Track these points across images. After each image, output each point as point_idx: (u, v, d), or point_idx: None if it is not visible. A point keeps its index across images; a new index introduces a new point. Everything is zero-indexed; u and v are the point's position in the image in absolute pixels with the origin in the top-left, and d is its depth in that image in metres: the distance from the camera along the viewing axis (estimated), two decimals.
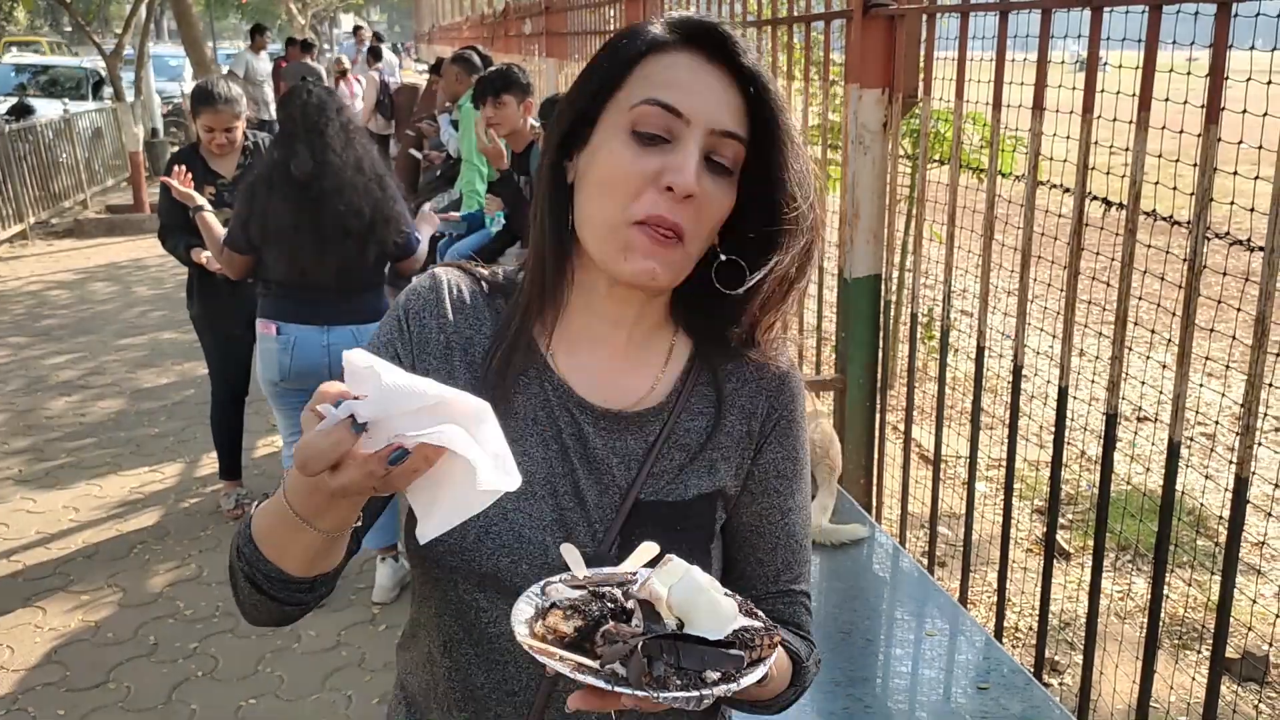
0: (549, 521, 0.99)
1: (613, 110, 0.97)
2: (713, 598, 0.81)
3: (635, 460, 1.02)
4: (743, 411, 1.07)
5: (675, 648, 0.77)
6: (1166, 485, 1.97)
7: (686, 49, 0.96)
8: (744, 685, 0.78)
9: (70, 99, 13.79)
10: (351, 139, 3.22)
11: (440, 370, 1.02)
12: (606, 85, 0.97)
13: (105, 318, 7.69)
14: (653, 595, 0.81)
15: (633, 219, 0.93)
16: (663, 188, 0.93)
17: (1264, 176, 1.82)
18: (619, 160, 0.94)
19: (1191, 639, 3.27)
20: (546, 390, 1.03)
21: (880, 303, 3.06)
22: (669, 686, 0.76)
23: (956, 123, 2.52)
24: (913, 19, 2.74)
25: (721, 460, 1.05)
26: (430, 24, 22.42)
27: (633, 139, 0.94)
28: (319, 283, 3.26)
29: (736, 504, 1.08)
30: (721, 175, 0.96)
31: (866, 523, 2.46)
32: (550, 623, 0.80)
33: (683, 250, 0.95)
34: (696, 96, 0.94)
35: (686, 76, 0.95)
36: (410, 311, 1.04)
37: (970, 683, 1.87)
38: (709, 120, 0.94)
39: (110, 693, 3.16)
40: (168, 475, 4.80)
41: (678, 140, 0.94)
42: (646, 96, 0.94)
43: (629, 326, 1.04)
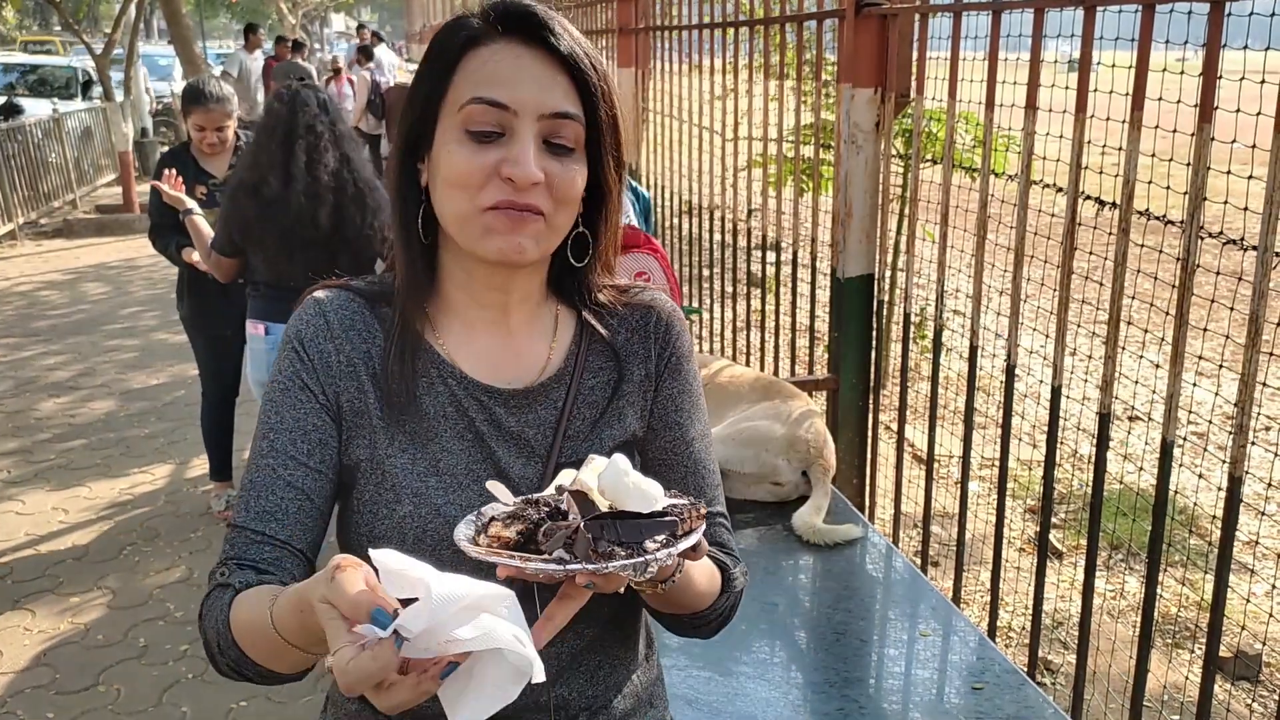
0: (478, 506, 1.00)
1: (445, 112, 0.99)
2: (639, 479, 0.86)
3: (548, 427, 1.07)
4: (636, 357, 1.12)
5: (614, 525, 0.82)
6: (1160, 484, 1.97)
7: (505, 38, 0.98)
8: (681, 549, 0.82)
9: (59, 98, 13.72)
10: (319, 144, 3.15)
11: (352, 388, 1.04)
12: (435, 88, 1.00)
13: (95, 318, 7.66)
14: (583, 486, 0.86)
15: (484, 206, 0.97)
16: (504, 179, 0.95)
17: (1257, 176, 1.82)
18: (458, 161, 0.97)
19: (1184, 638, 3.27)
20: (450, 385, 1.05)
21: (873, 302, 3.06)
22: (615, 558, 0.79)
23: (950, 122, 2.52)
24: (905, 18, 2.74)
25: (628, 407, 1.11)
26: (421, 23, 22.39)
27: (467, 138, 0.97)
28: (295, 282, 3.24)
29: (643, 442, 1.13)
30: (567, 154, 0.98)
31: (860, 523, 2.46)
32: (493, 533, 0.84)
33: (545, 224, 0.98)
34: (520, 86, 0.96)
35: (508, 68, 0.97)
36: (305, 340, 1.05)
37: (964, 683, 1.87)
38: (537, 107, 0.96)
39: (100, 695, 3.14)
40: (158, 476, 4.77)
41: (511, 133, 0.96)
42: (471, 95, 0.96)
43: (512, 308, 1.08)
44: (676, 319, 1.15)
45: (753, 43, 3.72)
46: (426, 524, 1.00)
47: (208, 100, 3.78)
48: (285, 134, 3.13)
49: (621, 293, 1.14)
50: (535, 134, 0.96)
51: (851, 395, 3.12)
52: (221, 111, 3.81)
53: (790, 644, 2.01)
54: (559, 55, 0.97)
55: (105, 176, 13.25)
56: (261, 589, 0.93)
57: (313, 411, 1.03)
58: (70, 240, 10.77)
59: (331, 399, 1.04)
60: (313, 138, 3.15)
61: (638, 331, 1.13)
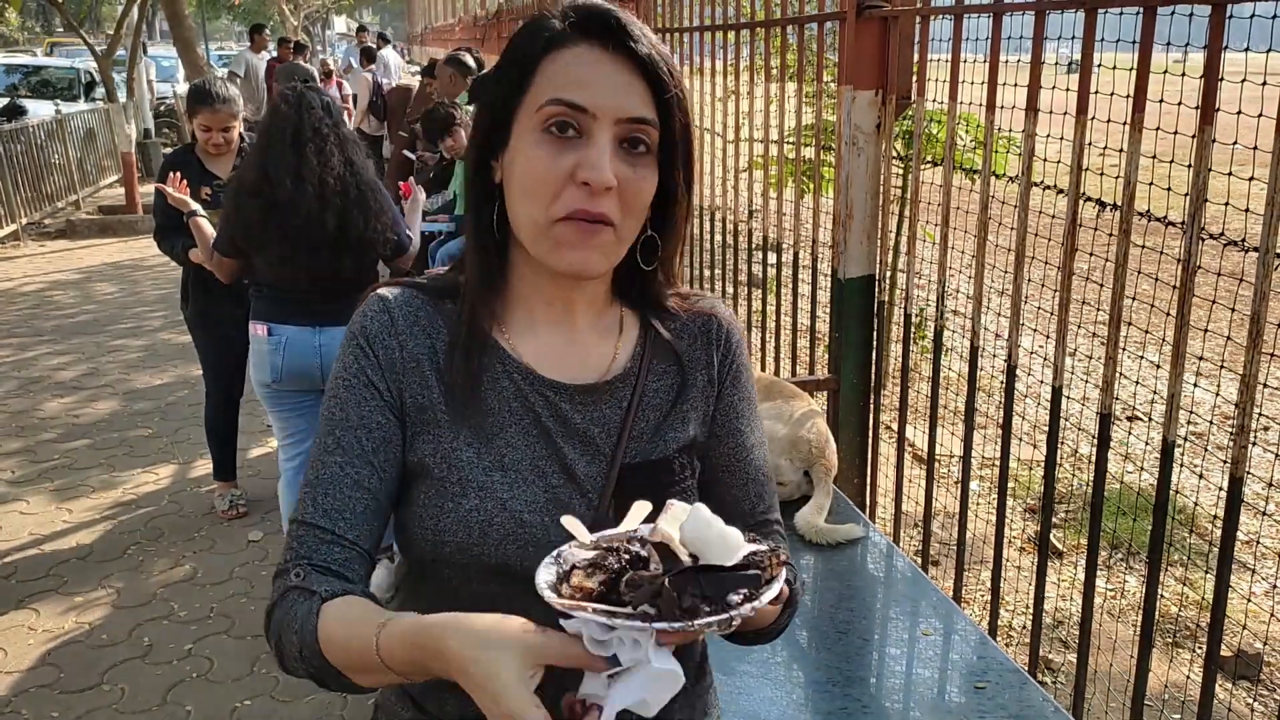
0: (544, 502, 1.03)
1: (523, 113, 0.99)
2: (721, 529, 0.85)
3: (614, 427, 1.07)
4: (698, 363, 1.14)
5: (697, 579, 0.82)
6: (1160, 484, 1.97)
7: (585, 40, 0.98)
8: (765, 601, 0.82)
9: (62, 100, 13.74)
10: (324, 147, 3.16)
11: (416, 383, 1.05)
12: (514, 88, 1.00)
13: (99, 319, 7.67)
14: (665, 537, 0.85)
15: (556, 217, 0.97)
16: (580, 183, 0.95)
17: (1258, 178, 1.83)
18: (535, 163, 0.97)
19: (1184, 637, 3.28)
20: (516, 380, 1.06)
21: (874, 303, 3.07)
22: (700, 614, 0.79)
23: (950, 124, 2.53)
24: (906, 20, 2.75)
25: (691, 411, 1.12)
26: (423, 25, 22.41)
27: (545, 139, 0.97)
28: (297, 285, 3.25)
29: (705, 449, 1.14)
30: (642, 158, 0.99)
31: (861, 522, 2.47)
32: (575, 583, 0.83)
33: (613, 234, 0.99)
34: (599, 89, 0.96)
35: (587, 70, 0.97)
36: (370, 336, 1.06)
37: (965, 681, 1.88)
38: (615, 110, 0.96)
39: (105, 694, 3.15)
40: (162, 476, 4.79)
41: (588, 135, 0.96)
42: (551, 97, 0.97)
43: (578, 307, 1.09)
44: (737, 327, 1.17)
45: (753, 45, 3.73)
46: (492, 518, 1.01)
47: (213, 101, 3.79)
48: (293, 136, 3.13)
49: (683, 299, 1.15)
50: (612, 138, 0.97)
51: (852, 395, 3.13)
52: (227, 112, 3.82)
53: (792, 642, 2.03)
54: (638, 60, 0.98)
55: (108, 177, 13.27)
56: (355, 602, 0.95)
57: (377, 409, 1.04)
58: (73, 241, 10.79)
59: (395, 395, 1.05)
60: (320, 140, 3.15)
61: (699, 338, 1.14)
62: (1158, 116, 2.04)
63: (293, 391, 3.38)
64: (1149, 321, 2.46)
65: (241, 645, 3.39)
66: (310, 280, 3.22)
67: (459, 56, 6.32)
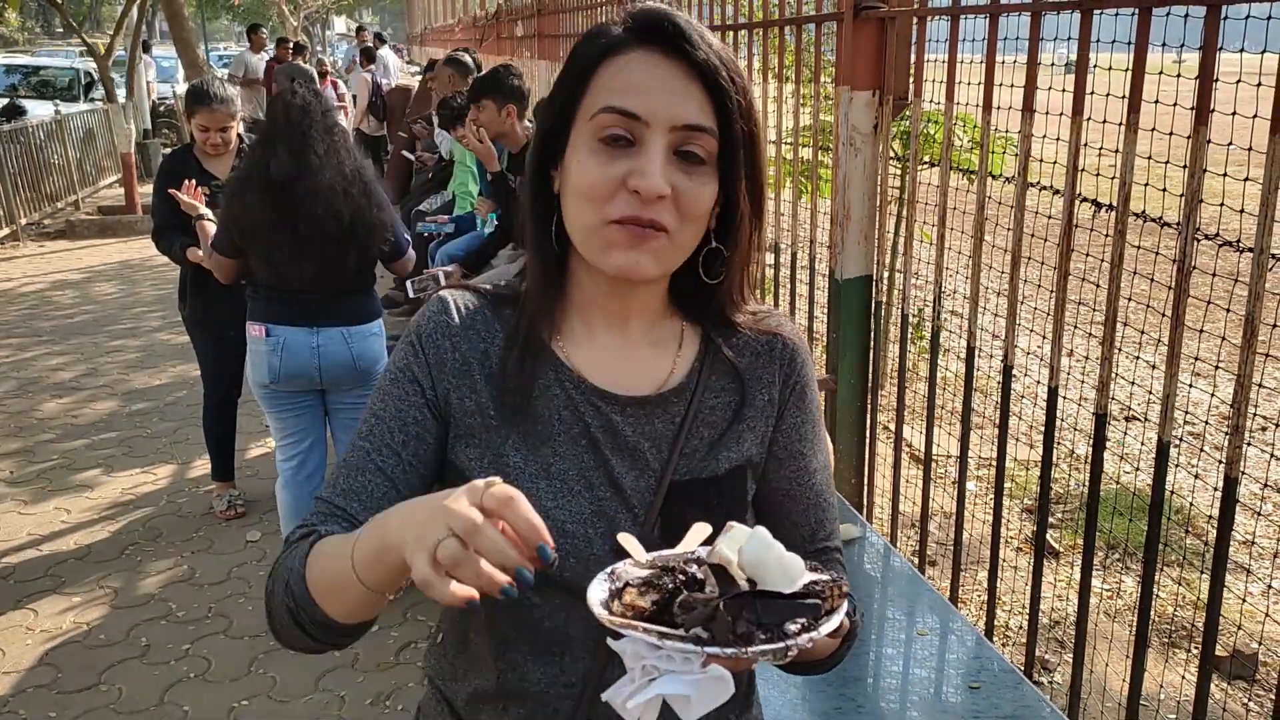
0: (589, 514, 1.02)
1: (579, 121, 0.98)
2: (782, 555, 0.82)
3: (665, 442, 1.06)
4: (760, 382, 1.11)
5: (754, 604, 0.79)
6: (1156, 484, 1.98)
7: (642, 47, 0.97)
8: (823, 633, 0.79)
9: (61, 100, 13.75)
10: (335, 143, 3.19)
11: (462, 386, 1.05)
12: (571, 96, 0.99)
13: (98, 319, 7.68)
14: (723, 560, 0.83)
15: (608, 219, 0.96)
16: (631, 191, 0.94)
17: (1253, 179, 1.83)
18: (588, 170, 0.96)
19: (1180, 637, 3.28)
20: (567, 389, 1.05)
21: (871, 303, 3.07)
22: (754, 641, 0.77)
23: (947, 124, 2.54)
24: (903, 21, 2.76)
25: (748, 431, 1.09)
26: (422, 26, 22.41)
27: (599, 146, 0.96)
28: (299, 284, 3.25)
29: (765, 471, 1.11)
30: (698, 166, 0.96)
31: (858, 522, 2.47)
32: (627, 600, 0.81)
33: (667, 240, 0.97)
34: (654, 96, 0.95)
35: (642, 76, 0.96)
36: (424, 335, 1.06)
37: (962, 681, 1.88)
38: (670, 118, 0.95)
39: (102, 694, 3.15)
40: (160, 476, 4.79)
41: (641, 143, 0.95)
42: (604, 104, 0.95)
43: (635, 317, 1.08)
44: (803, 347, 1.14)
45: (751, 46, 3.73)
46: None
47: (211, 101, 3.79)
48: (303, 132, 3.14)
49: (751, 315, 1.12)
50: (665, 145, 0.95)
51: (849, 396, 3.14)
52: (225, 112, 3.83)
53: None
54: (695, 65, 0.96)
55: (108, 178, 13.27)
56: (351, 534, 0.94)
57: (416, 405, 1.04)
58: (73, 241, 10.80)
59: (441, 395, 1.05)
60: (329, 137, 3.17)
61: (763, 356, 1.11)
62: (1154, 117, 2.04)
63: (290, 392, 3.38)
64: (1145, 322, 2.46)
65: (239, 645, 3.39)
66: (314, 276, 3.22)
67: (458, 57, 6.33)
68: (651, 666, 0.78)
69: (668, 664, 0.77)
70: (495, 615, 1.05)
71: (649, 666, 0.78)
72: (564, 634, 1.04)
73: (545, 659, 1.05)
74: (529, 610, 1.03)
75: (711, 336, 1.10)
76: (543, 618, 1.03)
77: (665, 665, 0.77)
